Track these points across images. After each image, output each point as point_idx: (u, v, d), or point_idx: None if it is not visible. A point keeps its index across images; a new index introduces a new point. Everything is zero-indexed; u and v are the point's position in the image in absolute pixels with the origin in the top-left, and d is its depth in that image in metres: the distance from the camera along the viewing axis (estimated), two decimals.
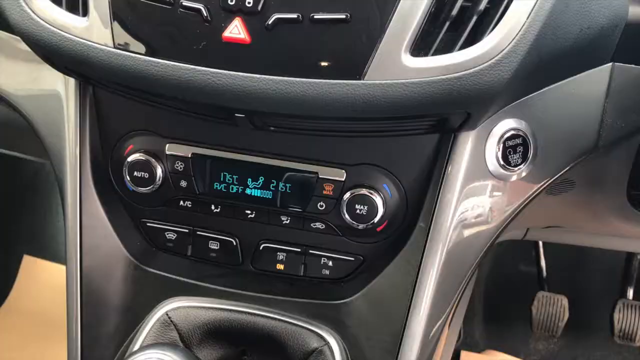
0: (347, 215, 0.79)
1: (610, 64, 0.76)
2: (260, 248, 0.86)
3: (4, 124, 1.01)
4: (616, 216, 0.99)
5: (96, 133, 0.85)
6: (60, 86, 0.84)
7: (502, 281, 1.94)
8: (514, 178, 0.77)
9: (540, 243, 1.83)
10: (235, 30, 0.63)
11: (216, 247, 0.87)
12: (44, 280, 2.01)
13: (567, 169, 0.80)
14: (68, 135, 0.84)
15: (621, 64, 0.75)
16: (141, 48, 0.66)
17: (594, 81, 0.76)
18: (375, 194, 0.78)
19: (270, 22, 0.62)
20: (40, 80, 0.85)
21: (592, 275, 1.91)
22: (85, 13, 0.68)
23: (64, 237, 0.87)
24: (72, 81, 0.83)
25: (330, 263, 0.85)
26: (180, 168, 0.83)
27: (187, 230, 0.87)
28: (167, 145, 0.83)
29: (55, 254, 2.04)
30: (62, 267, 1.98)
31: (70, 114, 0.83)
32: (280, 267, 0.86)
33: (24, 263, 2.03)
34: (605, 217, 1.01)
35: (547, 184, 0.80)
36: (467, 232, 0.78)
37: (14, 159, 1.47)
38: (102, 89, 0.80)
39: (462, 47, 0.63)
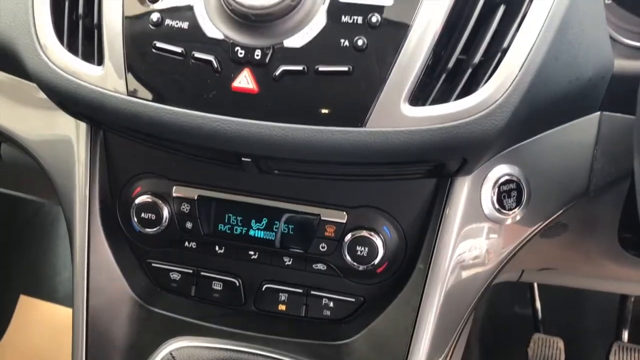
0: (348, 257, 0.81)
1: (599, 112, 0.79)
2: (263, 289, 0.88)
3: (12, 164, 1.04)
4: (609, 259, 1.01)
5: (105, 175, 0.87)
6: (72, 130, 0.86)
7: (498, 323, 1.95)
8: (509, 221, 0.80)
9: (535, 285, 1.85)
10: (244, 80, 0.67)
11: (219, 288, 0.89)
12: (40, 320, 2.00)
13: (559, 212, 0.82)
14: (78, 178, 0.86)
15: (608, 113, 0.79)
16: (154, 96, 0.69)
17: (584, 129, 0.79)
18: (376, 235, 0.81)
19: (277, 74, 0.66)
20: (53, 125, 0.88)
21: (587, 316, 1.91)
22: (100, 62, 0.71)
23: (70, 276, 0.88)
24: (83, 125, 0.86)
25: (331, 304, 0.86)
26: (186, 210, 0.85)
27: (191, 271, 0.89)
28: (174, 187, 0.85)
29: (51, 294, 2.04)
30: (59, 307, 2.00)
31: (81, 157, 0.86)
32: (282, 307, 0.88)
33: (20, 303, 2.03)
34: (598, 259, 1.03)
35: (540, 227, 0.82)
36: (464, 274, 0.81)
37: (15, 198, 1.49)
38: (113, 133, 0.83)
39: (458, 98, 0.66)
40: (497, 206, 0.79)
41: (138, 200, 0.85)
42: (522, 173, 0.79)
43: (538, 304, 1.86)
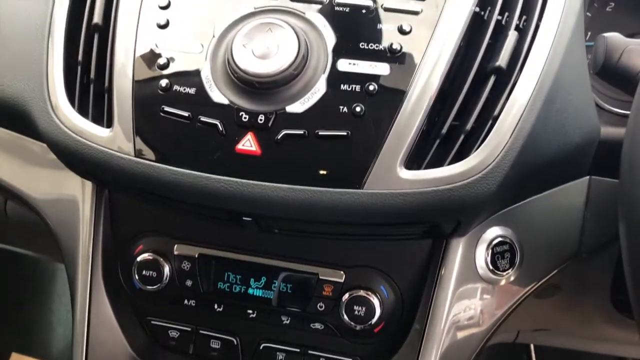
0: (345, 316, 0.82)
1: (588, 177, 0.82)
2: (260, 348, 0.88)
3: (16, 221, 1.06)
4: (603, 321, 1.02)
5: (109, 234, 0.89)
6: (78, 190, 0.88)
7: None
8: (503, 282, 0.82)
9: (532, 346, 1.83)
10: (248, 143, 0.70)
11: (217, 346, 0.89)
12: None
13: (552, 273, 0.84)
14: (82, 236, 0.88)
15: (597, 178, 0.82)
16: (161, 157, 0.72)
17: (574, 193, 0.82)
18: (373, 295, 0.82)
19: (279, 137, 0.69)
20: (61, 184, 0.90)
21: None
22: (109, 124, 0.74)
23: (64, 333, 0.89)
24: (89, 185, 0.88)
25: None
26: (187, 268, 0.86)
27: (189, 329, 0.89)
28: (176, 245, 0.86)
29: (45, 352, 2.00)
30: None
31: (86, 216, 0.88)
32: None
33: None
34: (592, 321, 1.04)
35: (534, 288, 0.84)
36: (460, 335, 0.81)
37: (13, 254, 1.49)
38: (118, 192, 0.86)
39: (452, 162, 0.69)
40: (491, 267, 0.81)
41: (140, 258, 0.86)
42: (515, 235, 0.81)
43: None
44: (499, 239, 0.81)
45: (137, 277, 0.87)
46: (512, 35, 0.71)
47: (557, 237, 0.83)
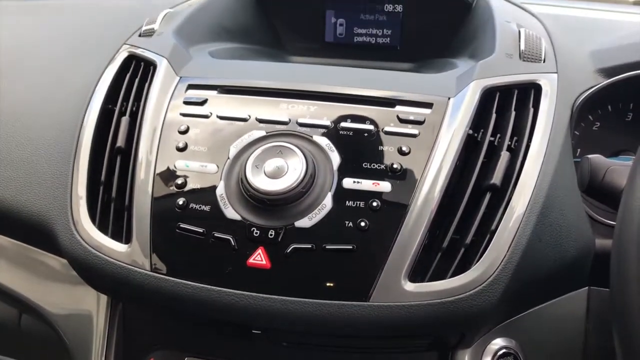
0: None
1: (586, 288, 0.84)
2: None
3: (28, 334, 1.07)
4: None
5: (121, 347, 0.90)
6: (93, 304, 0.91)
7: None
8: None
9: None
10: (258, 257, 0.73)
11: None
12: None
13: None
14: (95, 350, 0.89)
15: (596, 288, 0.84)
16: (175, 272, 0.75)
17: (574, 303, 0.84)
18: None
19: (288, 251, 0.72)
20: (77, 299, 0.92)
21: None
22: (128, 240, 0.78)
23: None
24: (104, 299, 0.90)
25: None
26: None
27: None
28: (186, 359, 0.87)
29: None
30: None
31: (99, 330, 0.89)
32: None
33: None
34: None
35: None
36: None
37: None
38: (132, 306, 0.88)
39: (454, 274, 0.72)
40: None
41: None
42: (519, 345, 0.82)
43: None
44: (504, 350, 0.82)
45: None
46: (504, 156, 0.77)
47: (560, 347, 0.84)
